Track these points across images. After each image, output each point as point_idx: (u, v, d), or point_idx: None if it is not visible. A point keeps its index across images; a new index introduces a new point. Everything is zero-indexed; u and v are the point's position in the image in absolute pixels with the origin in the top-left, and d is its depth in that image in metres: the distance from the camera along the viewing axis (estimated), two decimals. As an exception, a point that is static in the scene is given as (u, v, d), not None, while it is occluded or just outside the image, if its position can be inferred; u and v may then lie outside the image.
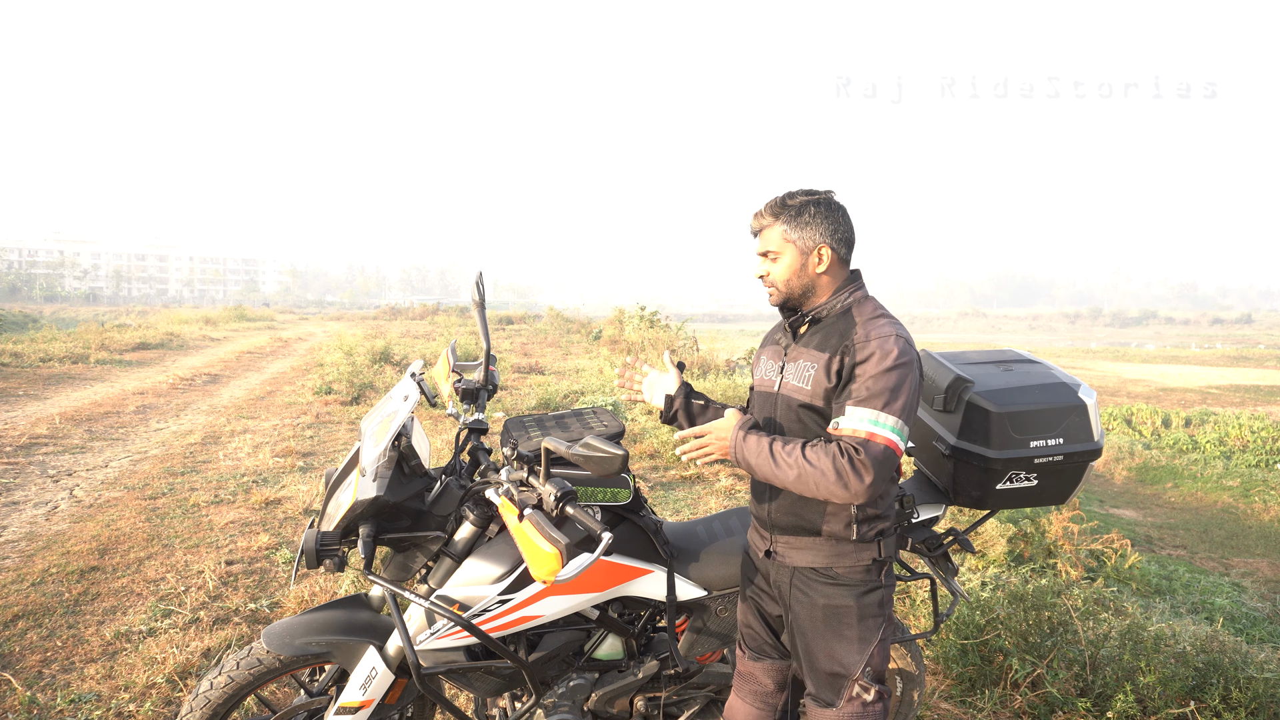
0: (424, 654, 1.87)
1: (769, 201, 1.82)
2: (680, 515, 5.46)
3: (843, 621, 1.77)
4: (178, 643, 3.21)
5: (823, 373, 1.73)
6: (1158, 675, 2.73)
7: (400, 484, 1.85)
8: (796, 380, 1.79)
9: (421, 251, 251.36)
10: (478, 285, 2.25)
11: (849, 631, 1.77)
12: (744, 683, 2.00)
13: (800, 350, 1.81)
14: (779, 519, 1.83)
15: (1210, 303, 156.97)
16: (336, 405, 9.66)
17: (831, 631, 1.78)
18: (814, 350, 1.77)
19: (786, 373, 1.83)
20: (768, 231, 1.81)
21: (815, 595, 1.79)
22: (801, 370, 1.78)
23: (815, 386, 1.74)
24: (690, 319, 20.49)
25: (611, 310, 24.43)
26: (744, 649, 2.00)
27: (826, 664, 1.79)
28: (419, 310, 39.19)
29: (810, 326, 1.83)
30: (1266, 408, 14.87)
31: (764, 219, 1.81)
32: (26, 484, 5.73)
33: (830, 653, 1.78)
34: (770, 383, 1.87)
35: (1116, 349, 38.99)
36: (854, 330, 1.72)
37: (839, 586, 1.78)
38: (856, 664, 1.77)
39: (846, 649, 1.77)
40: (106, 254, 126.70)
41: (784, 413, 1.81)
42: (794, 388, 1.79)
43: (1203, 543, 6.86)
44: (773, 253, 1.80)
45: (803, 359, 1.79)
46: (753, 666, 1.97)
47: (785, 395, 1.81)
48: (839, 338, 1.74)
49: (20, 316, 29.91)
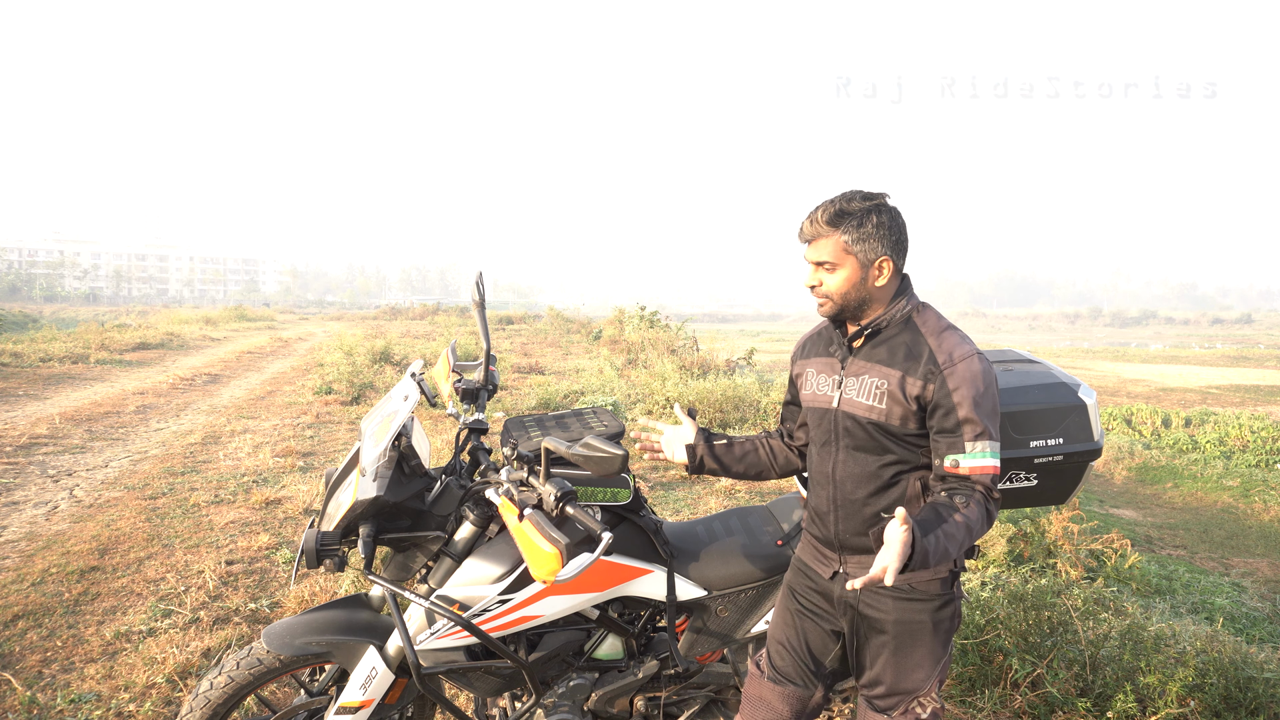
0: (424, 654, 1.87)
1: (825, 207, 1.67)
2: (680, 515, 5.46)
3: (917, 638, 1.71)
4: (178, 642, 3.21)
5: (898, 392, 1.64)
6: (1158, 675, 2.73)
7: (400, 484, 1.85)
8: (862, 397, 1.69)
9: (421, 251, 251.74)
10: (478, 285, 2.25)
11: (922, 648, 1.71)
12: (754, 709, 1.84)
13: (862, 364, 1.71)
14: (850, 540, 1.74)
15: (1210, 303, 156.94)
16: (336, 405, 9.66)
17: (904, 649, 1.71)
18: (880, 365, 1.68)
19: (846, 388, 1.72)
20: (824, 241, 1.67)
21: (889, 613, 1.70)
22: (867, 386, 1.69)
23: (889, 406, 1.65)
24: (690, 319, 20.49)
25: (611, 310, 24.45)
26: (763, 670, 1.86)
27: (895, 681, 1.72)
28: (419, 310, 39.20)
29: (867, 338, 1.73)
30: (1266, 408, 14.87)
31: (820, 227, 1.67)
32: (26, 484, 5.73)
33: (900, 669, 1.71)
34: (827, 399, 1.76)
35: (1116, 349, 38.98)
36: (925, 346, 1.65)
37: (915, 602, 1.70)
38: (925, 680, 1.72)
39: (917, 666, 1.71)
40: (106, 254, 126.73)
41: (845, 429, 1.72)
42: (860, 405, 1.69)
43: (1203, 543, 6.86)
44: (829, 264, 1.67)
45: (867, 374, 1.69)
46: (769, 691, 1.82)
47: (848, 412, 1.71)
48: (906, 352, 1.66)
49: (20, 316, 29.92)
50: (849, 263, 1.66)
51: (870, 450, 1.70)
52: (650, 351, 15.02)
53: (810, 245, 1.70)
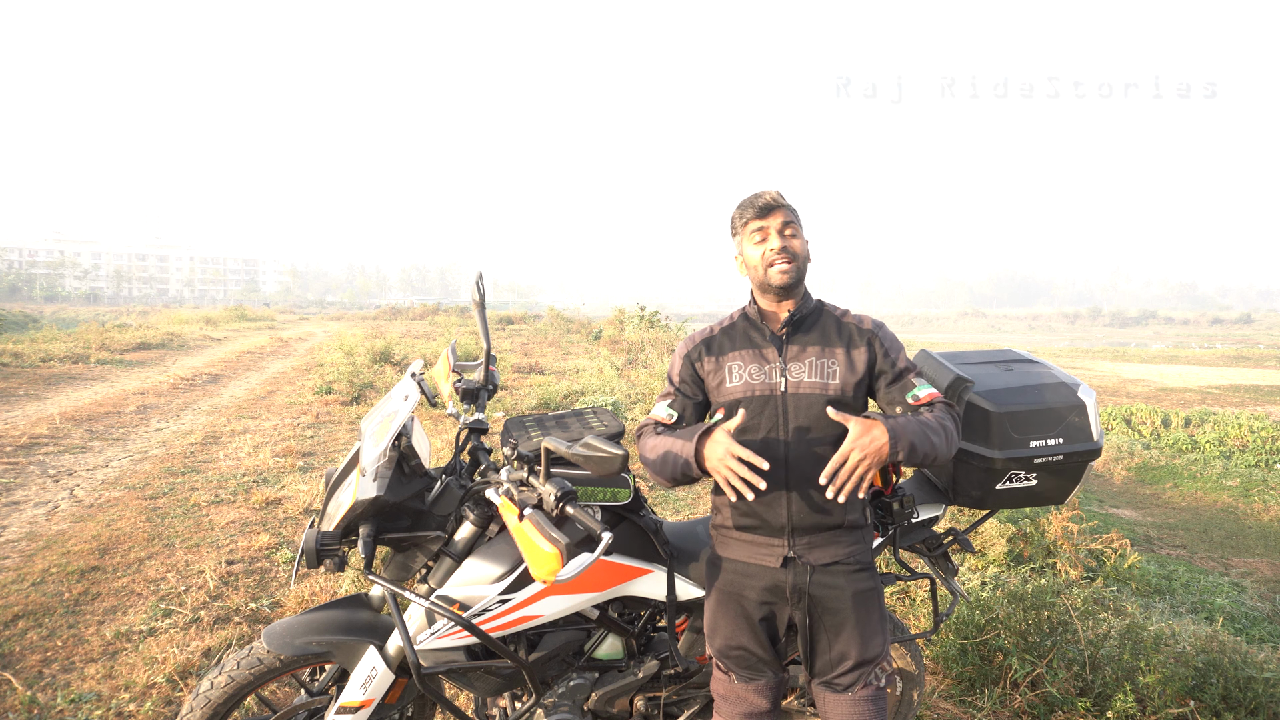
0: (424, 654, 1.87)
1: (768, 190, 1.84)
2: (680, 515, 5.46)
3: (871, 605, 1.81)
4: (178, 642, 3.21)
5: (849, 364, 1.81)
6: (1157, 675, 2.73)
7: (400, 484, 1.85)
8: (814, 376, 1.80)
9: (421, 251, 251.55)
10: (478, 285, 2.25)
11: (876, 614, 1.82)
12: (731, 706, 1.89)
13: (802, 349, 1.84)
14: (801, 521, 1.79)
15: (1210, 303, 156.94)
16: (336, 405, 9.66)
17: (862, 619, 1.79)
18: (821, 346, 1.83)
19: (792, 371, 1.82)
20: (785, 210, 1.82)
21: (844, 586, 1.79)
22: (816, 366, 1.81)
23: (844, 379, 1.80)
24: (690, 319, 20.50)
25: (611, 310, 24.45)
26: (730, 672, 1.89)
27: (860, 653, 1.79)
28: (419, 310, 39.20)
29: (795, 326, 1.86)
30: (1266, 408, 14.87)
31: (779, 199, 1.82)
32: (27, 484, 5.73)
33: (863, 639, 1.79)
34: (769, 385, 1.83)
35: (1116, 349, 38.97)
36: (843, 323, 1.87)
37: (862, 571, 1.82)
38: (883, 645, 1.82)
39: (875, 632, 1.81)
40: (107, 254, 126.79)
41: (800, 410, 1.79)
42: (815, 384, 1.80)
43: (1202, 543, 6.86)
44: (794, 226, 1.82)
45: (812, 357, 1.82)
46: (743, 689, 1.87)
47: (800, 394, 1.80)
48: (836, 332, 1.86)
49: (21, 316, 29.91)
50: (802, 231, 1.86)
51: (822, 427, 1.78)
52: (650, 351, 15.03)
53: (771, 215, 1.81)
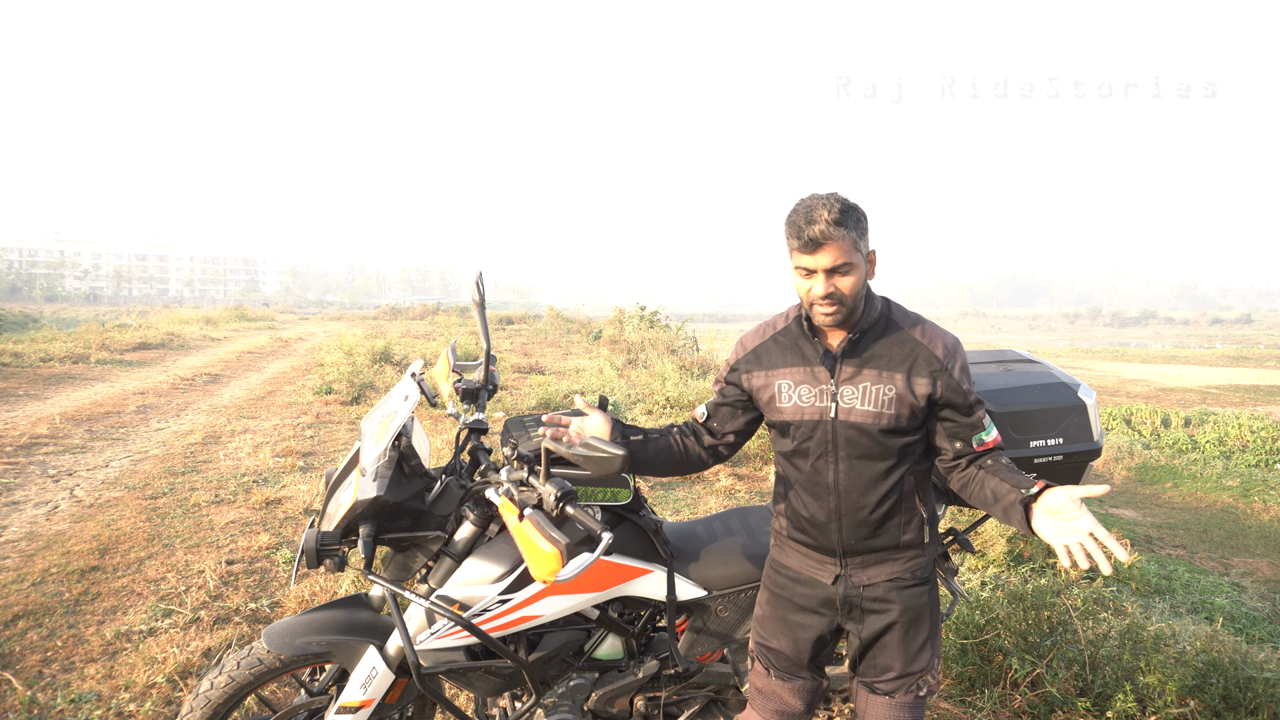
0: (424, 654, 1.87)
1: (825, 206, 1.55)
2: (680, 515, 5.46)
3: (921, 621, 1.77)
4: (178, 642, 3.21)
5: (907, 394, 1.64)
6: (1157, 675, 2.73)
7: (400, 484, 1.85)
8: (867, 405, 1.65)
9: (421, 251, 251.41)
10: (478, 285, 2.25)
11: (925, 629, 1.78)
12: (765, 700, 1.87)
13: (857, 371, 1.67)
14: (854, 544, 1.74)
15: (1210, 303, 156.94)
16: (336, 405, 9.66)
17: (912, 634, 1.76)
18: (880, 370, 1.65)
19: (844, 397, 1.67)
20: (838, 244, 1.55)
21: (896, 600, 1.75)
22: (871, 394, 1.65)
23: (899, 409, 1.64)
24: (690, 319, 20.50)
25: (611, 310, 24.45)
26: (768, 668, 1.87)
27: (905, 665, 1.76)
28: (419, 310, 39.18)
29: (853, 343, 1.67)
30: (1266, 408, 14.88)
31: (829, 229, 1.53)
32: (27, 484, 5.73)
33: (909, 653, 1.76)
34: (819, 410, 1.69)
35: (1116, 349, 38.98)
36: (914, 342, 1.66)
37: (915, 587, 1.78)
38: (931, 659, 1.79)
39: (924, 647, 1.78)
40: (107, 254, 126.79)
41: (848, 439, 1.68)
42: (867, 413, 1.65)
43: (1202, 543, 6.86)
44: (845, 266, 1.57)
45: (868, 381, 1.65)
46: (778, 686, 1.85)
47: (851, 422, 1.66)
48: (900, 352, 1.66)
49: (21, 316, 29.92)
50: (859, 261, 1.59)
51: (875, 456, 1.68)
52: (650, 351, 15.03)
53: (819, 251, 1.56)
